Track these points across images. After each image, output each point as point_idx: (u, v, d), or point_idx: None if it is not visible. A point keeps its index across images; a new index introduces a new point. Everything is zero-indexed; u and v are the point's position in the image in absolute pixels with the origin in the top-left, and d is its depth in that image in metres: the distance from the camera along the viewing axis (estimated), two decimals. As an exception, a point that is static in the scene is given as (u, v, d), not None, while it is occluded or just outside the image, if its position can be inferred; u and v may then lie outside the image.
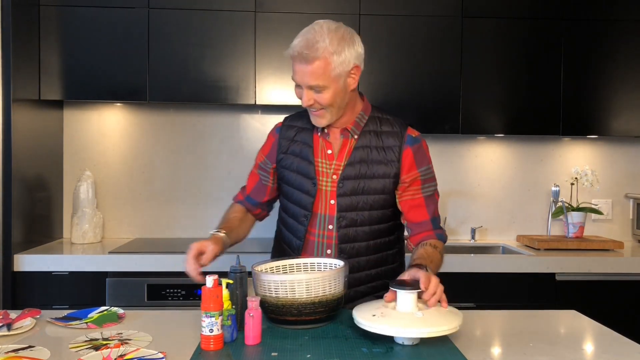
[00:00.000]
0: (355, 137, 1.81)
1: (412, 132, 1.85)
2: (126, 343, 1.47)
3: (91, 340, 1.50)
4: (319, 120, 1.77)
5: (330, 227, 1.82)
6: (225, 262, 2.09)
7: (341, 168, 1.80)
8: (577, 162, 3.31)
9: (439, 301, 1.50)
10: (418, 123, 2.97)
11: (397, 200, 1.84)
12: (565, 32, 3.00)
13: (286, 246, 1.91)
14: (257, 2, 2.89)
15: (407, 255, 1.87)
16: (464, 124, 2.98)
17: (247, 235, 1.98)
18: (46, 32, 2.84)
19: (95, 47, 2.85)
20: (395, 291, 1.48)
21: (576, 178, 3.17)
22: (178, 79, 2.88)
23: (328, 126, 1.81)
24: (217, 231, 1.79)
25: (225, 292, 1.47)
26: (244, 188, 2.00)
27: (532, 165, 3.32)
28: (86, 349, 1.43)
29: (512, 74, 3.00)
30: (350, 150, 1.81)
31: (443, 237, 1.85)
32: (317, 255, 1.82)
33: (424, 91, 2.97)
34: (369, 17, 2.93)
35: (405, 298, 1.47)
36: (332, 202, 1.81)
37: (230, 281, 1.51)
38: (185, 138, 3.22)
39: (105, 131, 3.19)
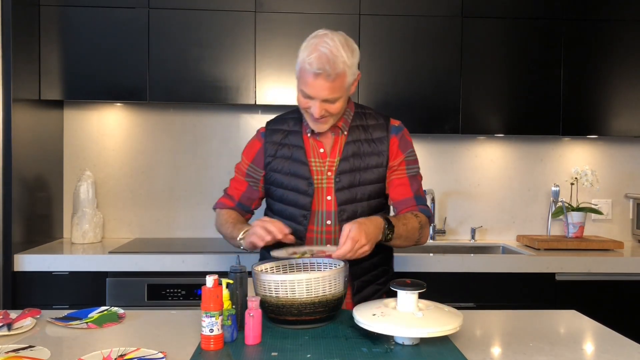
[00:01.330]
0: (345, 133, 1.87)
1: (395, 122, 1.94)
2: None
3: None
4: (322, 127, 1.82)
5: (329, 222, 1.85)
6: (226, 262, 2.09)
7: (335, 164, 1.85)
8: (577, 162, 3.31)
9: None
10: (418, 123, 2.99)
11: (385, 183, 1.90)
12: (565, 32, 3.00)
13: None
14: (257, 2, 2.89)
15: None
16: (464, 124, 2.98)
17: None
18: (46, 32, 2.84)
19: (95, 47, 2.85)
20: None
21: (576, 178, 3.17)
22: (178, 79, 2.88)
23: None
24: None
25: (226, 292, 1.47)
26: (229, 196, 2.00)
27: (532, 165, 3.32)
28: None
29: (512, 74, 3.00)
30: (341, 147, 1.86)
31: (427, 212, 1.90)
32: None
33: (424, 91, 2.97)
34: (369, 17, 2.93)
35: (406, 298, 1.47)
36: (329, 198, 1.85)
37: (231, 281, 1.51)
38: (185, 138, 3.22)
39: (105, 131, 3.19)
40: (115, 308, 1.78)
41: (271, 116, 1.93)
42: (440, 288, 2.69)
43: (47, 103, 2.95)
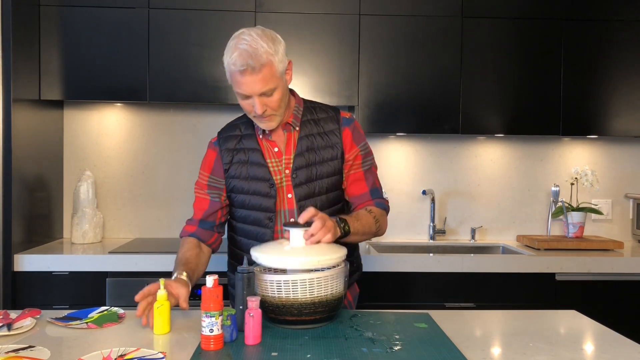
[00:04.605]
0: (297, 128, 1.88)
1: (345, 114, 1.94)
2: None
3: None
4: (270, 124, 1.81)
5: (292, 220, 1.85)
6: (226, 263, 2.09)
7: (291, 160, 1.85)
8: (577, 162, 3.31)
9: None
10: (418, 123, 3.00)
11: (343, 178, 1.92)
12: (565, 32, 3.00)
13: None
14: (257, 2, 2.89)
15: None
16: (464, 124, 2.98)
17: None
18: (46, 32, 2.84)
19: (95, 47, 2.85)
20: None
21: (576, 178, 3.17)
22: (178, 79, 2.88)
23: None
24: (179, 274, 1.77)
25: None
26: (191, 220, 1.97)
27: (532, 165, 3.32)
28: None
29: (512, 74, 3.00)
30: (295, 142, 1.86)
31: (383, 205, 1.94)
32: None
33: (424, 91, 2.97)
34: (369, 17, 2.93)
35: (296, 235, 1.59)
36: (290, 195, 1.86)
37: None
38: (185, 138, 3.22)
39: (105, 131, 3.19)
40: (115, 308, 1.78)
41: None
42: (440, 288, 2.70)
43: (47, 103, 2.95)
